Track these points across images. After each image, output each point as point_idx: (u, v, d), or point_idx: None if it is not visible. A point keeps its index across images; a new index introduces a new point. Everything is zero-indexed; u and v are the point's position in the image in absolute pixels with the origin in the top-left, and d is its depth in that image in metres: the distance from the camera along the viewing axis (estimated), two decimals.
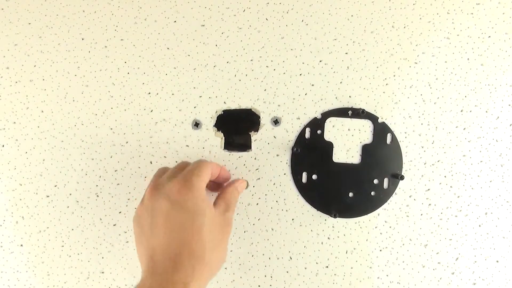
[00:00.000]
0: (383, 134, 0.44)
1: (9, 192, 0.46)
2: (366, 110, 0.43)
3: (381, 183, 0.44)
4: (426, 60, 0.45)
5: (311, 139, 0.44)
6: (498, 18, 0.46)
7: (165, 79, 0.46)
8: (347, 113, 0.44)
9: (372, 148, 0.44)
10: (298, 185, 0.44)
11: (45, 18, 0.46)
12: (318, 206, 0.44)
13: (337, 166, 0.44)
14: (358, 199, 0.44)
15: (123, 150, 0.45)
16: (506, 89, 0.45)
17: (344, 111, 0.44)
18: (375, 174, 0.44)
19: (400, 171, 0.44)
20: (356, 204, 0.44)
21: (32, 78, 0.46)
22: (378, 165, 0.44)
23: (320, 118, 0.44)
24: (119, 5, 0.46)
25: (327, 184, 0.44)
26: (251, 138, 0.45)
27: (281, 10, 0.46)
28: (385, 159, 0.44)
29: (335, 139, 0.45)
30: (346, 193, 0.44)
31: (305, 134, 0.44)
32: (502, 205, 0.45)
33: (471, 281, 0.45)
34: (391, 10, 0.46)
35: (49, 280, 0.45)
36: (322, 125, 0.44)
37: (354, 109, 0.44)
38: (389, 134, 0.44)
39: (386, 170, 0.44)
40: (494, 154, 0.45)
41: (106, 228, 0.45)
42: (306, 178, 0.44)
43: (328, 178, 0.44)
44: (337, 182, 0.44)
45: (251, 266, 0.45)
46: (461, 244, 0.45)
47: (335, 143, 0.44)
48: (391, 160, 0.44)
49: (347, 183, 0.44)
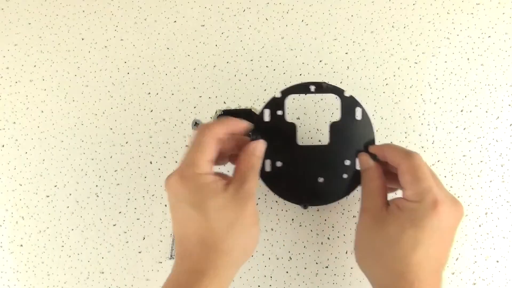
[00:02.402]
0: (351, 109, 0.38)
1: (9, 192, 0.46)
2: (329, 83, 0.38)
3: (353, 164, 0.39)
4: (426, 60, 0.45)
5: (272, 122, 0.38)
6: (498, 18, 0.46)
7: (165, 79, 0.46)
8: (308, 89, 0.38)
9: (341, 125, 0.39)
10: (262, 174, 0.38)
11: (45, 18, 0.46)
12: (286, 196, 0.39)
13: (303, 149, 0.39)
14: (329, 183, 0.39)
15: (123, 150, 0.45)
16: (506, 89, 0.45)
17: (305, 86, 0.38)
18: (346, 154, 0.39)
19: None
20: (327, 189, 0.39)
21: (32, 78, 0.46)
22: (349, 144, 0.39)
23: (280, 96, 0.38)
24: (119, 5, 0.46)
25: (293, 170, 0.39)
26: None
27: (281, 10, 0.46)
28: (356, 136, 0.39)
29: (298, 119, 0.42)
30: (316, 179, 0.39)
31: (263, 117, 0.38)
32: (502, 205, 0.45)
33: (471, 281, 0.45)
34: (391, 10, 0.46)
35: (49, 280, 0.45)
36: (282, 104, 0.38)
37: (316, 83, 0.38)
38: (358, 108, 0.38)
39: (358, 149, 0.39)
40: (494, 154, 0.45)
41: (106, 228, 0.45)
42: (270, 166, 0.38)
43: (294, 163, 0.39)
44: (304, 167, 0.39)
45: (251, 266, 0.45)
46: (461, 244, 0.45)
47: (298, 123, 0.40)
48: (363, 137, 0.38)
49: (315, 168, 0.39)
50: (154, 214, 0.45)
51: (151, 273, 0.45)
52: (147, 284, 0.45)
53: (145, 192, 0.45)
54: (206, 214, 0.31)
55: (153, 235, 0.45)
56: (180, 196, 0.32)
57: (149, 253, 0.45)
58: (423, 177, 0.32)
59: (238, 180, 0.33)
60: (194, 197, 0.31)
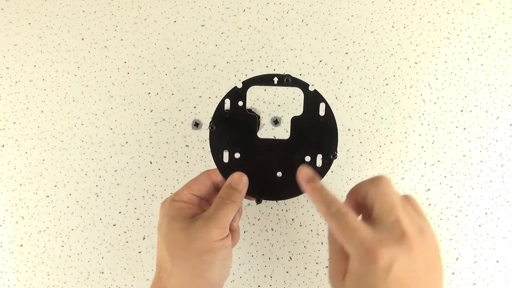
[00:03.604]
0: (315, 104, 0.37)
1: (9, 192, 0.45)
2: (293, 76, 0.37)
3: (314, 160, 0.38)
4: (426, 60, 0.45)
5: (232, 112, 0.38)
6: (498, 18, 0.46)
7: (165, 79, 0.46)
8: (272, 81, 0.37)
9: (303, 120, 0.38)
10: (219, 165, 0.38)
11: (45, 18, 0.46)
12: None
13: (262, 142, 0.38)
14: (287, 179, 0.38)
15: (123, 150, 0.45)
16: (506, 89, 0.45)
17: (268, 78, 0.37)
18: (307, 150, 0.38)
19: (335, 146, 0.38)
20: (284, 185, 0.38)
21: (32, 78, 0.46)
22: (310, 140, 0.38)
23: (241, 87, 0.37)
24: (119, 5, 0.46)
25: (251, 163, 0.38)
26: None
27: (281, 10, 0.46)
28: (318, 132, 0.37)
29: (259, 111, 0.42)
30: (274, 173, 0.38)
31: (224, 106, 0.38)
32: (502, 205, 0.45)
33: (471, 281, 0.45)
34: (391, 10, 0.46)
35: (49, 280, 0.45)
36: (244, 95, 0.37)
37: (279, 76, 0.37)
38: (322, 103, 0.37)
39: (320, 145, 0.37)
40: (494, 154, 0.45)
41: (106, 228, 0.45)
42: (228, 157, 0.38)
43: (252, 156, 0.38)
44: (263, 160, 0.38)
45: (251, 266, 0.45)
46: (461, 244, 0.45)
47: (259, 115, 0.40)
48: (325, 133, 0.37)
49: (274, 162, 0.38)
50: (154, 214, 0.45)
51: (151, 273, 0.45)
52: (147, 284, 0.45)
53: (145, 192, 0.45)
54: (162, 236, 0.34)
55: (153, 235, 0.45)
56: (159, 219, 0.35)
57: (149, 253, 0.45)
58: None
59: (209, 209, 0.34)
60: (160, 220, 0.35)
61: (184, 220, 0.33)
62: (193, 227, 0.32)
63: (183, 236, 0.32)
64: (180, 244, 0.33)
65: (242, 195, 0.35)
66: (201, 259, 0.32)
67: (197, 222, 0.33)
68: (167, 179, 0.45)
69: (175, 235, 0.33)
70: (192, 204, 0.35)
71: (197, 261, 0.32)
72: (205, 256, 0.32)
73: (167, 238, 0.33)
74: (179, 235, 0.33)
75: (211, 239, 0.32)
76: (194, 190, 0.35)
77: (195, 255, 0.32)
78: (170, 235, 0.33)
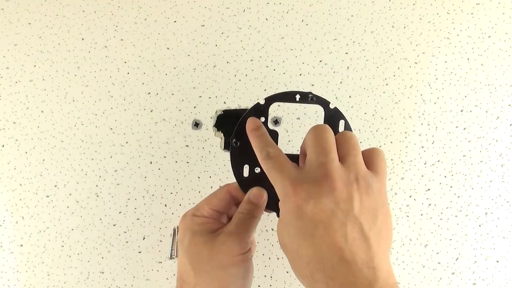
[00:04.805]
0: (335, 121, 0.38)
1: (9, 192, 0.45)
2: (315, 94, 0.38)
3: None
4: (426, 60, 0.45)
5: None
6: (498, 18, 0.46)
7: (165, 79, 0.46)
8: (294, 98, 0.38)
9: None
10: (239, 179, 0.38)
11: (45, 18, 0.46)
12: None
13: None
14: None
15: (123, 150, 0.45)
16: (506, 89, 0.45)
17: (291, 95, 0.38)
18: None
19: None
20: None
21: (32, 78, 0.46)
22: None
23: (264, 103, 0.38)
24: (119, 5, 0.46)
25: None
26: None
27: (281, 10, 0.46)
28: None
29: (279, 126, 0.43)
30: None
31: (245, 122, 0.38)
32: (502, 205, 0.45)
33: (471, 281, 0.45)
34: (391, 10, 0.46)
35: (49, 280, 0.45)
36: (266, 111, 0.38)
37: (302, 93, 0.38)
38: (342, 121, 0.38)
39: None
40: (494, 154, 0.45)
41: (106, 228, 0.45)
42: (248, 171, 0.38)
43: None
44: None
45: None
46: (461, 244, 0.45)
47: (280, 131, 0.41)
48: None
49: None
50: (154, 214, 0.45)
51: (151, 273, 0.45)
52: (147, 284, 0.45)
53: (145, 192, 0.45)
54: (184, 249, 0.34)
55: (153, 235, 0.45)
56: (179, 232, 0.36)
57: (149, 253, 0.45)
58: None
59: (231, 224, 0.34)
60: (182, 234, 0.35)
61: (206, 234, 0.34)
62: (216, 242, 0.33)
63: (207, 250, 0.33)
64: (203, 257, 0.33)
65: (261, 210, 0.35)
66: (226, 272, 0.33)
67: (219, 237, 0.33)
68: (167, 179, 0.45)
69: (198, 249, 0.33)
70: (213, 219, 0.35)
71: (222, 274, 0.33)
72: (230, 269, 0.33)
73: (189, 251, 0.34)
74: (202, 249, 0.33)
75: (234, 253, 0.33)
76: (214, 205, 0.36)
77: (219, 268, 0.33)
78: (193, 249, 0.34)
